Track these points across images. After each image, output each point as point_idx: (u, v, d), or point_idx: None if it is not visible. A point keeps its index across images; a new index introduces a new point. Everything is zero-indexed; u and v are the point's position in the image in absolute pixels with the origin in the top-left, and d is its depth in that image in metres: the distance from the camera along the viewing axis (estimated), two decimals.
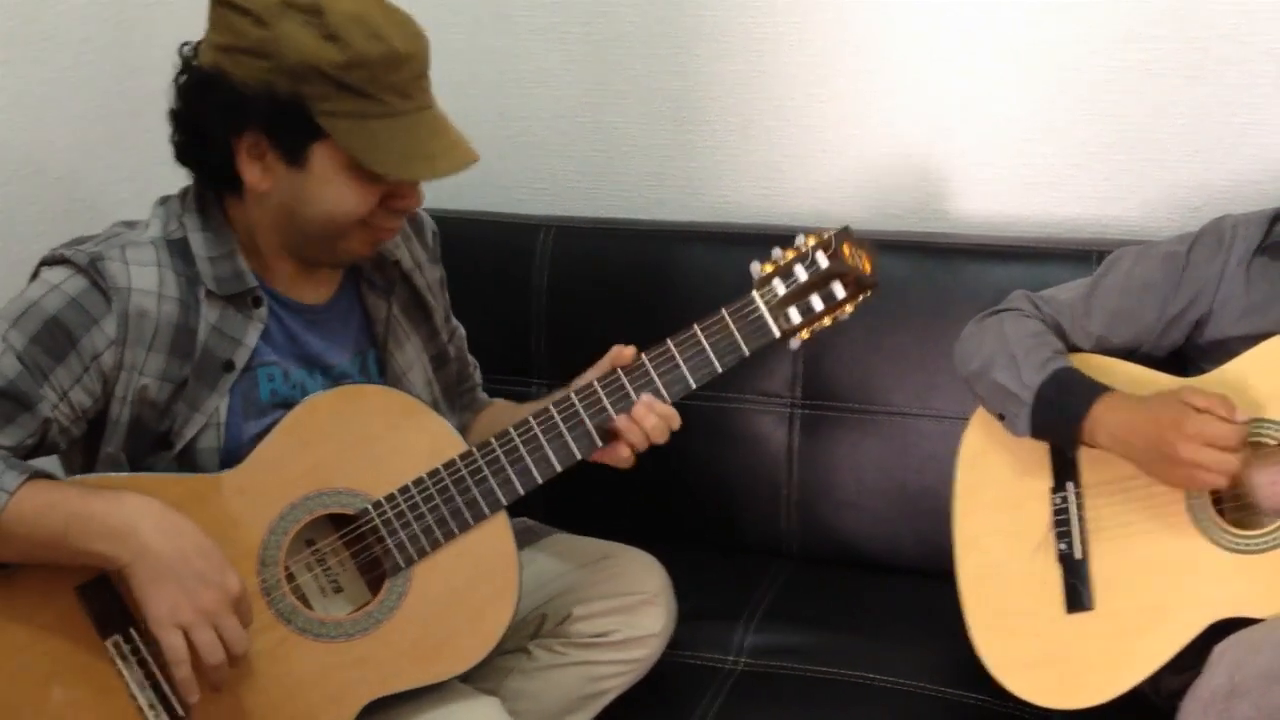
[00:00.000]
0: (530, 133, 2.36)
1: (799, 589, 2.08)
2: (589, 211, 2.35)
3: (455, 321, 1.87)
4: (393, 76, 1.46)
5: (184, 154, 1.56)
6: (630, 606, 1.76)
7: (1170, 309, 1.73)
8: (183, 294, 1.53)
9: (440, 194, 2.38)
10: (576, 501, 2.04)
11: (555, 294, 2.20)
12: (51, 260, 1.52)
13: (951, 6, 2.08)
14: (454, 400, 1.82)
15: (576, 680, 1.75)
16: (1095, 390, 1.65)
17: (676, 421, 1.62)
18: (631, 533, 1.89)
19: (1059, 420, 1.66)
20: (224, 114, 1.47)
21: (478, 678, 1.74)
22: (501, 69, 2.34)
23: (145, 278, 1.51)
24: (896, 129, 2.17)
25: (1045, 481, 1.74)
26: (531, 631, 1.78)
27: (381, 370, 1.68)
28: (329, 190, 1.49)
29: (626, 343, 2.13)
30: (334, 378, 1.63)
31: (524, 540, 1.86)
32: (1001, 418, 1.73)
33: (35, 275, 1.53)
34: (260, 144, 1.48)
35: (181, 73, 1.52)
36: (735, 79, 2.22)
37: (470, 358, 1.91)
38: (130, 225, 1.58)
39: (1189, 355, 1.75)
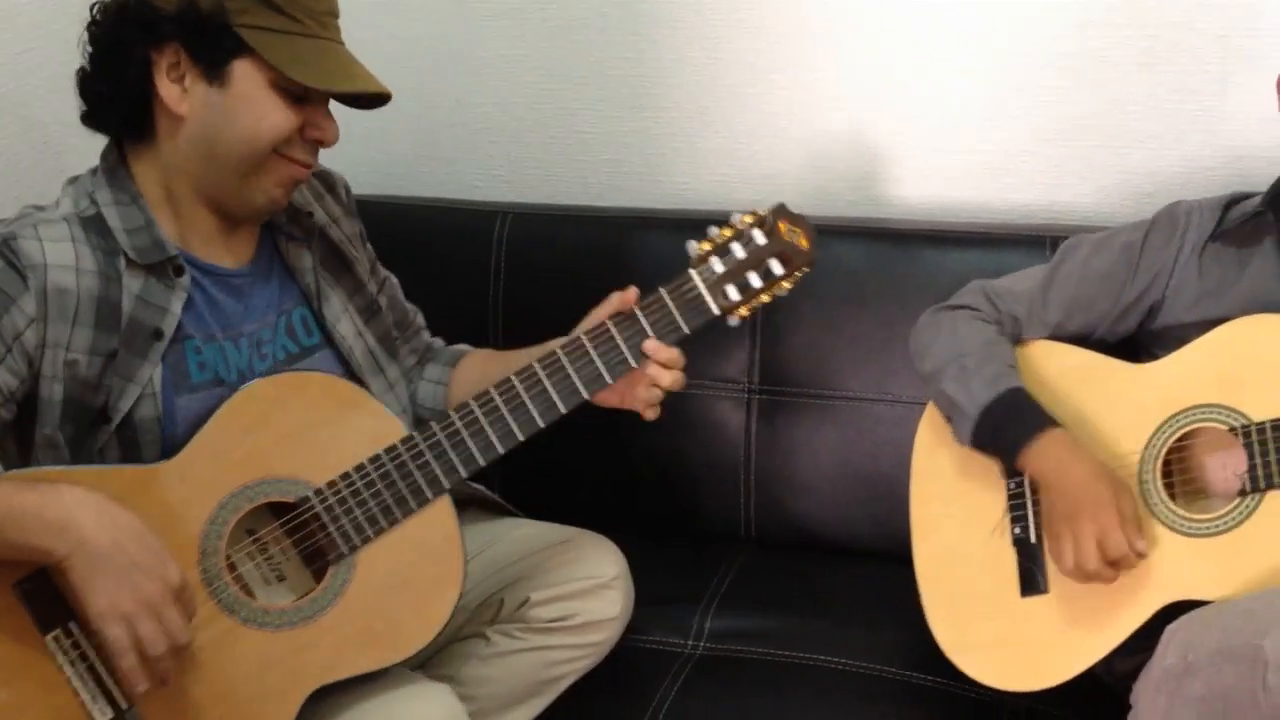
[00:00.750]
0: (487, 119, 2.35)
1: (757, 573, 2.08)
2: (546, 198, 2.34)
3: (385, 271, 1.86)
4: (310, 3, 1.51)
5: (93, 109, 1.56)
6: (588, 591, 1.77)
7: (1125, 297, 1.74)
8: (101, 266, 1.51)
9: (397, 180, 2.38)
10: (535, 488, 2.04)
11: (513, 280, 2.19)
12: None
13: None
14: (392, 349, 1.79)
15: (535, 665, 1.75)
16: (1039, 424, 1.67)
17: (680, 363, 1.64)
18: (590, 519, 1.89)
19: (998, 443, 1.69)
20: (142, 32, 1.48)
21: (435, 664, 1.75)
22: (458, 55, 2.33)
23: (61, 253, 1.49)
24: (853, 115, 2.17)
25: (1000, 467, 1.75)
26: (489, 617, 1.77)
27: (320, 324, 1.68)
28: (250, 108, 1.50)
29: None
30: (256, 344, 1.61)
31: (480, 514, 1.88)
32: (949, 420, 1.75)
33: None
34: (180, 62, 1.49)
35: (91, 23, 1.53)
36: (692, 65, 2.22)
37: (409, 304, 1.90)
38: (40, 208, 1.55)
39: (1141, 341, 1.77)
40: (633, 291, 1.64)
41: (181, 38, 1.48)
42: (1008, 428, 1.68)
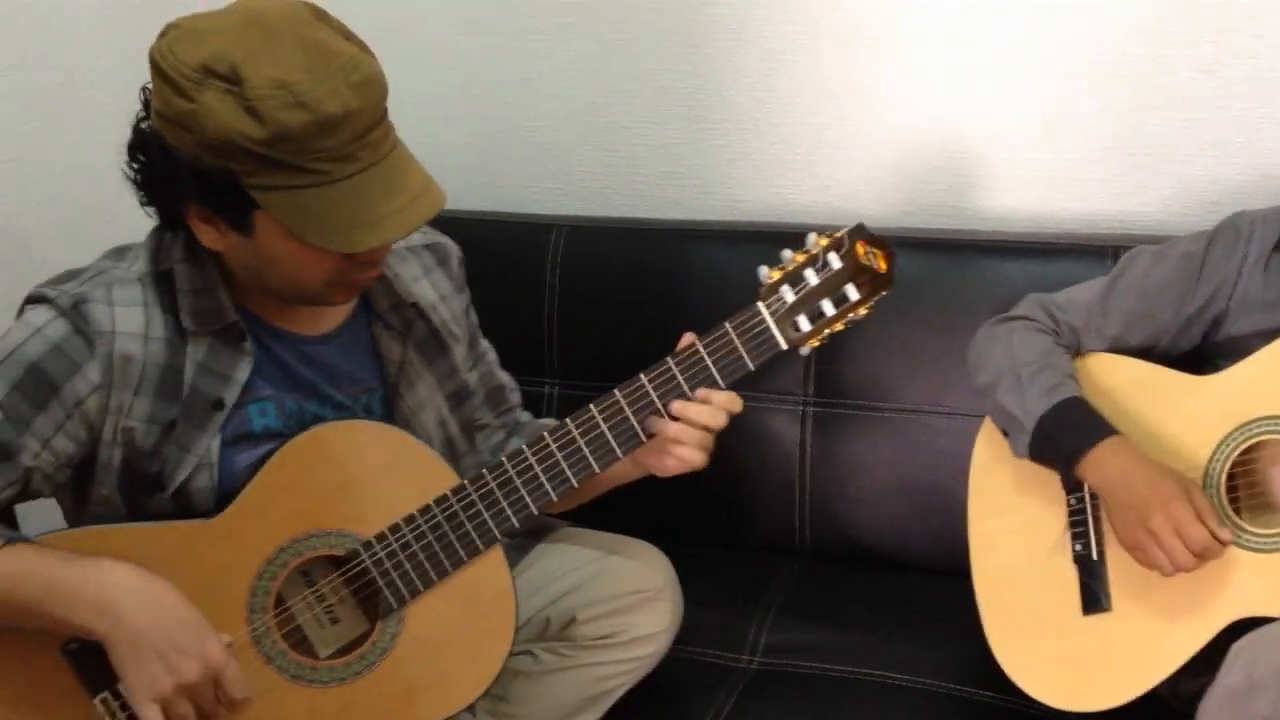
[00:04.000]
0: (541, 132, 2.36)
1: (812, 587, 2.07)
2: (601, 211, 2.35)
3: (484, 344, 1.80)
4: (324, 143, 1.34)
5: (145, 201, 1.49)
6: (635, 605, 1.74)
7: (1187, 308, 1.71)
8: (169, 333, 1.48)
9: (451, 194, 2.36)
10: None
11: (567, 294, 2.20)
12: (35, 299, 1.48)
13: (965, 4, 2.07)
14: (473, 436, 1.76)
15: (583, 682, 1.74)
16: (1097, 433, 1.64)
17: (737, 405, 1.56)
18: (642, 530, 1.88)
19: (1056, 455, 1.67)
20: (163, 184, 1.42)
21: None
22: (512, 69, 2.33)
23: (131, 319, 1.47)
24: (909, 125, 2.16)
25: (1060, 482, 1.72)
26: (535, 635, 1.76)
27: (388, 412, 1.63)
28: (283, 255, 1.43)
29: (637, 343, 2.13)
30: (333, 407, 1.58)
31: (530, 533, 1.85)
32: (1006, 434, 1.72)
33: (20, 313, 1.49)
34: (206, 210, 1.42)
35: (141, 118, 1.44)
36: (746, 77, 2.21)
37: (505, 378, 1.83)
38: (121, 255, 1.53)
39: (1205, 353, 1.74)
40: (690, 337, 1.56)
41: (197, 196, 1.40)
42: (1065, 438, 1.65)
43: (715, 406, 1.55)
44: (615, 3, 2.24)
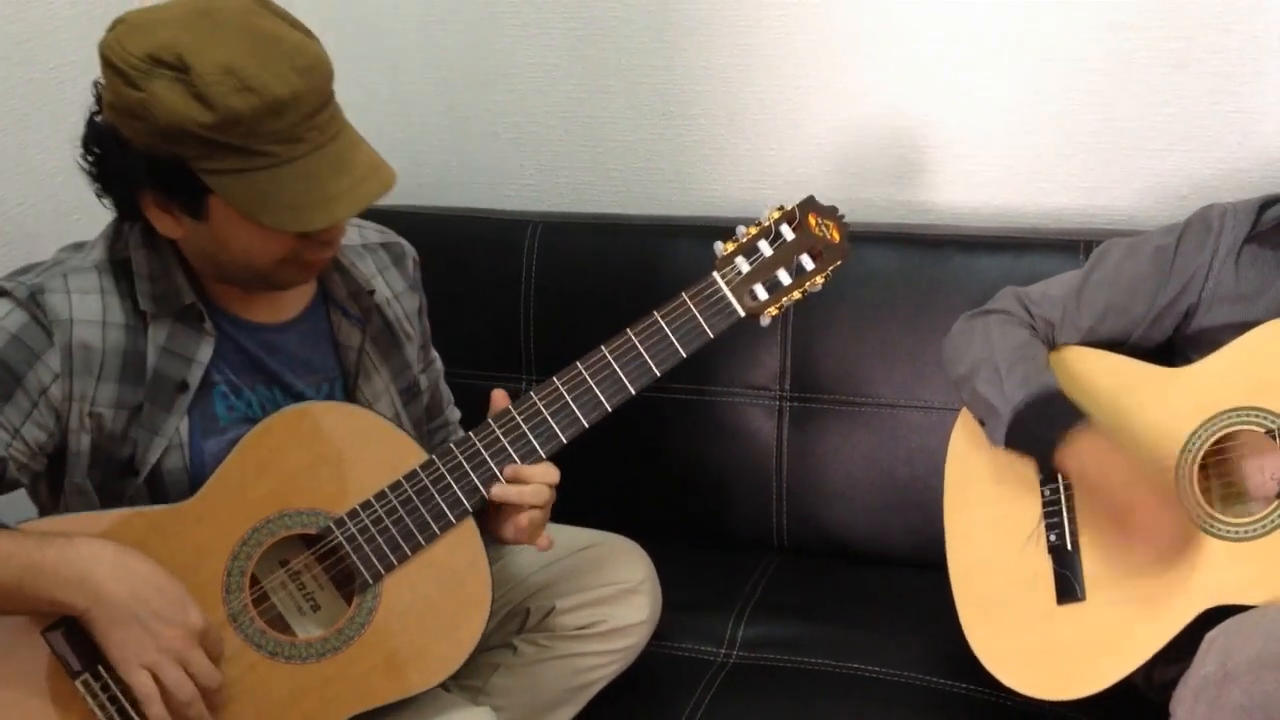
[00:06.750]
0: (517, 129, 2.36)
1: (789, 581, 2.08)
2: (577, 207, 2.35)
3: (434, 353, 1.81)
4: (273, 125, 1.36)
5: (101, 193, 1.49)
6: (614, 597, 1.76)
7: (1160, 300, 1.73)
8: (128, 319, 1.49)
9: (428, 191, 2.39)
10: (562, 492, 2.03)
11: (544, 290, 2.20)
12: None
13: None
14: (424, 435, 1.77)
15: (564, 673, 1.75)
16: (1073, 419, 1.65)
17: (554, 475, 1.59)
18: (619, 524, 1.89)
19: (1033, 442, 1.68)
20: (119, 175, 1.43)
21: (463, 674, 1.73)
22: (488, 66, 2.33)
23: (88, 307, 1.47)
24: (883, 120, 2.16)
25: (1035, 474, 1.74)
26: (515, 627, 1.77)
27: (349, 400, 1.63)
28: (237, 238, 1.44)
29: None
30: (294, 396, 1.59)
31: None
32: (983, 423, 1.73)
33: None
34: (161, 198, 1.43)
35: (94, 112, 1.45)
36: (721, 72, 2.22)
37: (447, 391, 1.84)
38: (78, 247, 1.54)
39: (1177, 345, 1.75)
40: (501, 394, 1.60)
41: (152, 183, 1.41)
42: (1042, 426, 1.66)
43: (537, 485, 1.58)
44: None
